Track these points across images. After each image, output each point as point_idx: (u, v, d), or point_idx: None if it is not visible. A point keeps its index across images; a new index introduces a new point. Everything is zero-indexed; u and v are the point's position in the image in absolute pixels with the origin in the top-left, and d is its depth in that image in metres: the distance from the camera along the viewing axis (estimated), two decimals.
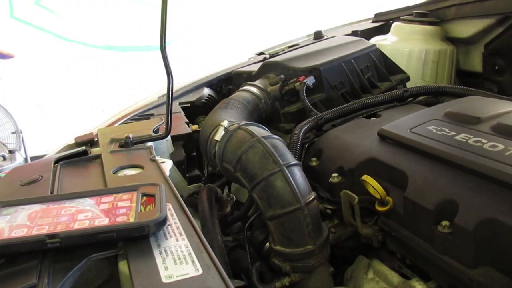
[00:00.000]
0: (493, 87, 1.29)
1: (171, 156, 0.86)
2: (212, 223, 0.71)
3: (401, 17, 1.43)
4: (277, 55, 1.16)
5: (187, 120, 0.99)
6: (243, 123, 0.72)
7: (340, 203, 0.68)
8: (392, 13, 1.57)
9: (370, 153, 0.70)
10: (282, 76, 0.99)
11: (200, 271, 0.41)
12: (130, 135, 0.76)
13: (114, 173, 0.66)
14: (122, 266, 0.45)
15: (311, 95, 1.00)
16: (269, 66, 1.06)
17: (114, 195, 0.52)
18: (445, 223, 0.54)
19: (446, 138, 0.65)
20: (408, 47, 1.34)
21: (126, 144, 0.75)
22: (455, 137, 0.65)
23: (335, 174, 0.73)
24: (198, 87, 1.21)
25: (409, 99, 0.95)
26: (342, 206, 0.68)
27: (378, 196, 0.62)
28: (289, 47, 1.30)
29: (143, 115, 1.03)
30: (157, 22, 0.75)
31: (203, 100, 1.14)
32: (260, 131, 0.71)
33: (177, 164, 0.86)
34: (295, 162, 0.66)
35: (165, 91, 0.74)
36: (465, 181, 0.57)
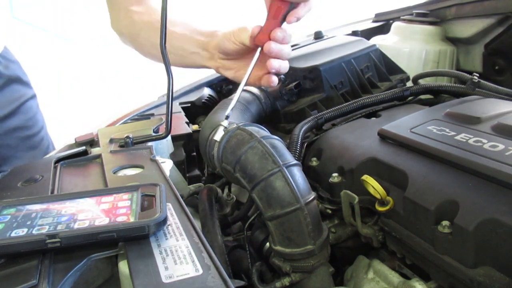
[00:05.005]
0: None
1: (171, 156, 0.86)
2: (212, 223, 0.71)
3: (401, 17, 1.43)
4: None
5: (187, 120, 0.99)
6: (242, 123, 0.72)
7: (340, 203, 0.68)
8: (392, 13, 1.57)
9: (370, 153, 0.70)
10: (282, 76, 0.99)
11: (200, 271, 0.41)
12: (130, 135, 0.76)
13: (114, 173, 0.66)
14: (122, 266, 0.45)
15: (311, 95, 1.00)
16: None
17: (114, 195, 0.52)
18: (445, 223, 0.54)
19: (446, 138, 0.65)
20: (408, 47, 1.33)
21: (126, 144, 0.75)
22: (455, 137, 0.65)
23: (335, 174, 0.73)
24: (198, 87, 1.21)
25: (409, 98, 0.95)
26: (342, 206, 0.68)
27: (378, 196, 0.62)
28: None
29: (143, 115, 1.03)
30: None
31: (203, 100, 1.14)
32: (259, 131, 0.71)
33: (177, 164, 0.86)
34: (295, 162, 0.66)
35: (165, 91, 0.74)
36: (466, 181, 0.57)
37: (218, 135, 0.69)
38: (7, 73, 1.11)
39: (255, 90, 0.97)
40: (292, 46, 1.27)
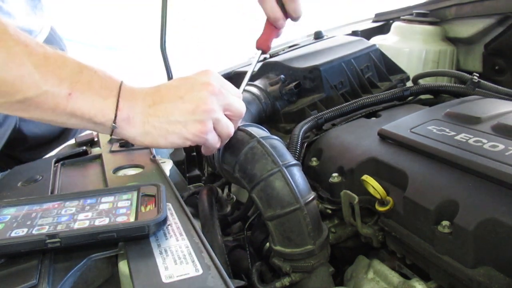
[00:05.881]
0: None
1: (171, 156, 0.87)
2: (212, 223, 0.71)
3: (401, 17, 1.43)
4: (277, 55, 1.16)
5: None
6: (241, 124, 0.72)
7: (340, 203, 0.68)
8: (392, 13, 1.57)
9: (370, 153, 0.70)
10: (282, 76, 1.00)
11: (200, 271, 0.41)
12: None
13: (114, 173, 0.66)
14: (122, 266, 0.45)
15: (311, 95, 1.00)
16: (269, 66, 1.06)
17: (114, 195, 0.52)
18: (445, 223, 0.54)
19: (446, 138, 0.65)
20: (408, 47, 1.33)
21: (126, 144, 0.75)
22: (455, 137, 0.65)
23: (335, 174, 0.73)
24: None
25: (409, 98, 0.95)
26: (342, 206, 0.68)
27: (378, 196, 0.62)
28: (289, 47, 1.29)
29: None
30: (157, 22, 0.75)
31: None
32: (258, 131, 0.71)
33: (177, 164, 0.86)
34: (294, 162, 0.66)
35: None
36: (465, 181, 0.57)
37: None
38: None
39: (255, 90, 0.97)
40: (292, 46, 1.27)
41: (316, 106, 0.99)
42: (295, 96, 0.99)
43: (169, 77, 0.73)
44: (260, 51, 0.78)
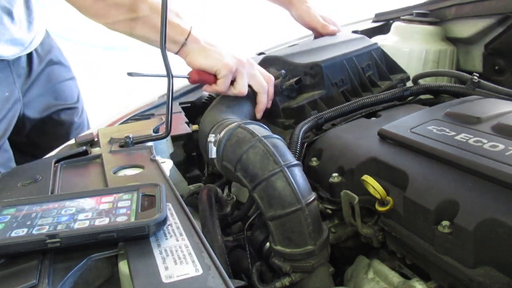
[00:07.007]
0: None
1: (171, 156, 0.86)
2: (212, 223, 0.71)
3: (401, 17, 1.43)
4: None
5: (187, 120, 0.99)
6: (243, 121, 0.72)
7: (340, 203, 0.68)
8: (392, 13, 1.57)
9: (371, 153, 0.70)
10: (283, 71, 0.99)
11: (200, 271, 0.41)
12: (130, 135, 0.76)
13: (114, 173, 0.66)
14: (122, 266, 0.45)
15: (311, 91, 1.00)
16: (269, 61, 1.05)
17: (114, 195, 0.52)
18: (445, 223, 0.54)
19: (447, 138, 0.65)
20: (408, 47, 1.33)
21: (126, 144, 0.75)
22: (455, 137, 0.65)
23: (335, 174, 0.73)
24: (198, 87, 1.21)
25: (409, 98, 0.95)
26: (342, 206, 0.68)
27: (378, 196, 0.62)
28: (289, 47, 1.29)
29: (143, 115, 1.03)
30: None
31: (203, 100, 1.13)
32: (260, 130, 0.71)
33: (177, 164, 0.86)
34: (296, 162, 0.66)
35: (165, 91, 0.74)
36: (466, 181, 0.57)
37: (212, 152, 0.71)
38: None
39: None
40: (291, 46, 1.27)
41: (316, 104, 0.98)
42: (295, 92, 0.99)
43: (169, 77, 0.73)
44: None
